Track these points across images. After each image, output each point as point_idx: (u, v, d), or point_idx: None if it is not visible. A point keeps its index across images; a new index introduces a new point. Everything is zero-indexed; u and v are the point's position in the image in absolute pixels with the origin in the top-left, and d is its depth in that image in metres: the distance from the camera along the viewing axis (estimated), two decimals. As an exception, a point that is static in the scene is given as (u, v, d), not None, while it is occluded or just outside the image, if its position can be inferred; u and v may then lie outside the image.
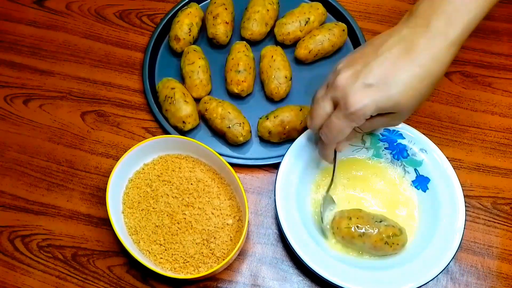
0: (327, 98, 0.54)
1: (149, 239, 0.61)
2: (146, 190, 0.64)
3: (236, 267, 0.64)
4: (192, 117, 0.70)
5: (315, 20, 0.77)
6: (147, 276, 0.64)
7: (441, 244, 0.59)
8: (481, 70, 0.76)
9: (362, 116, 0.51)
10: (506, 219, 0.66)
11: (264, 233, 0.66)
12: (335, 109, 0.53)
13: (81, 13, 0.83)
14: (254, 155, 0.71)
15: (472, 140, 0.71)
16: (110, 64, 0.79)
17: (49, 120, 0.74)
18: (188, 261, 0.60)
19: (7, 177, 0.70)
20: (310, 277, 0.63)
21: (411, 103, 0.51)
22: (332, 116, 0.53)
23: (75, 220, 0.67)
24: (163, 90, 0.72)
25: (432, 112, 0.73)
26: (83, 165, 0.71)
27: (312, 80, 0.76)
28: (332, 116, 0.53)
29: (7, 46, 0.81)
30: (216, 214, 0.62)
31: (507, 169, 0.69)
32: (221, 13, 0.75)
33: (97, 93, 0.76)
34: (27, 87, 0.77)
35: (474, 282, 0.63)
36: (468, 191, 0.68)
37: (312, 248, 0.59)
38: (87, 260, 0.65)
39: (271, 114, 0.69)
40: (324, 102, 0.54)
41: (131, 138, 0.73)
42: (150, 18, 0.83)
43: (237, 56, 0.73)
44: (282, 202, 0.61)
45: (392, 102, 0.50)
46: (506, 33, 0.79)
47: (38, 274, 0.64)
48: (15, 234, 0.67)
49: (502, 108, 0.73)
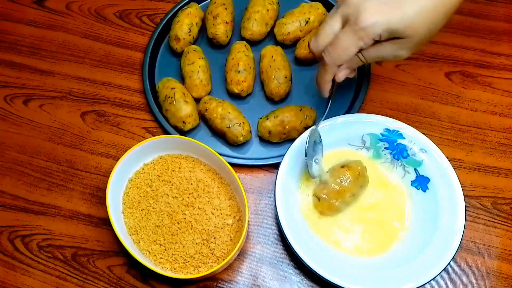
0: (337, 15, 0.53)
1: (149, 239, 0.61)
2: (146, 190, 0.64)
3: (236, 267, 0.64)
4: (192, 117, 0.70)
5: (315, 20, 0.77)
6: (147, 276, 0.64)
7: (441, 244, 0.59)
8: (481, 70, 0.76)
9: (371, 34, 0.50)
10: (506, 219, 0.66)
11: (264, 233, 0.66)
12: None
13: (81, 13, 0.83)
14: (254, 155, 0.71)
15: (472, 140, 0.71)
16: (110, 64, 0.79)
17: (49, 120, 0.74)
18: (188, 261, 0.60)
19: (7, 177, 0.70)
20: (310, 277, 0.63)
21: (423, 28, 0.50)
22: (340, 33, 0.52)
23: (75, 220, 0.67)
24: (163, 90, 0.72)
25: (432, 112, 0.73)
26: (83, 165, 0.71)
27: (312, 80, 0.76)
28: (340, 33, 0.52)
29: (7, 46, 0.81)
30: (216, 214, 0.62)
31: (507, 169, 0.69)
32: (221, 13, 0.76)
33: (97, 93, 0.76)
34: (27, 87, 0.77)
35: (474, 282, 0.63)
36: (468, 191, 0.68)
37: (312, 248, 0.59)
38: (87, 260, 0.65)
39: (271, 114, 0.69)
40: (332, 19, 0.53)
41: (131, 138, 0.73)
42: (150, 18, 0.83)
43: (237, 56, 0.73)
44: (282, 202, 0.61)
45: (404, 23, 0.49)
46: (506, 33, 0.79)
47: (38, 274, 0.64)
48: (15, 234, 0.67)
49: (502, 108, 0.73)
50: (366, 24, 0.50)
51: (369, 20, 0.49)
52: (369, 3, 0.50)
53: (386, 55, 0.53)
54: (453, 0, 0.51)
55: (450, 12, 0.51)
